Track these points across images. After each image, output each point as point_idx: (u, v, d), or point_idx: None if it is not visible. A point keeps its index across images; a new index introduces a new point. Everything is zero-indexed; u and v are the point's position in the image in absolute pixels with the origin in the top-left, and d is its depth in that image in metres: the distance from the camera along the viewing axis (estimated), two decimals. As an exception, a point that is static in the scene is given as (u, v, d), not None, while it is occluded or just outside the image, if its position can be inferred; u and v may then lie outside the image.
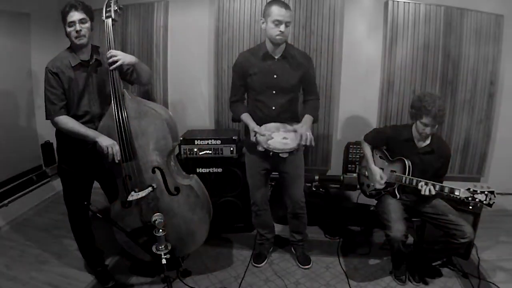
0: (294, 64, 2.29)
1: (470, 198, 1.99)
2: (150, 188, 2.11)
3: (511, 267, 2.57)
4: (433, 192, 2.12)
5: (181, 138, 2.84)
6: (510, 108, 3.26)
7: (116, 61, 1.99)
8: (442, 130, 3.25)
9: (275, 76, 2.27)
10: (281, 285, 2.43)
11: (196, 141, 2.89)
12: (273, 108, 2.31)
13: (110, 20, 2.03)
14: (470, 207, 2.51)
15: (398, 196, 2.38)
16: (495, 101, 3.24)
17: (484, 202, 1.95)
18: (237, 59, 2.38)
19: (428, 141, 2.33)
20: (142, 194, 2.08)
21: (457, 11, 3.07)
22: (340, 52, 3.25)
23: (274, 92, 2.29)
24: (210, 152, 2.89)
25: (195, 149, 2.89)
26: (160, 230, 2.08)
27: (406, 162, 2.31)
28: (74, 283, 2.41)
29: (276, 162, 2.40)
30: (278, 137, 2.21)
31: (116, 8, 2.04)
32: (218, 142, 2.89)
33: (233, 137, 2.87)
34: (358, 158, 3.18)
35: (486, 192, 1.95)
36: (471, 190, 1.99)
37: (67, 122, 2.04)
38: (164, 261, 2.09)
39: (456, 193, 2.04)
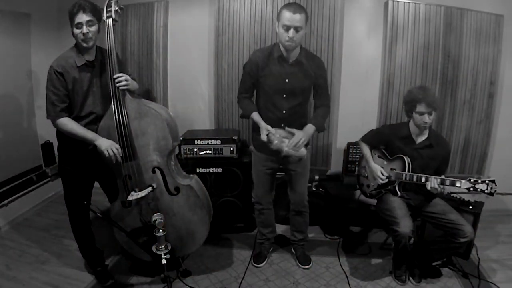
0: (307, 69, 2.25)
1: (471, 189, 2.02)
2: (150, 188, 2.11)
3: (511, 267, 2.57)
4: (438, 189, 2.12)
5: (181, 138, 2.84)
6: (510, 108, 3.25)
7: (125, 85, 2.04)
8: (442, 130, 3.25)
9: (286, 80, 2.24)
10: (281, 285, 2.43)
11: (196, 141, 2.89)
12: (284, 111, 2.29)
13: (110, 20, 2.03)
14: (470, 207, 2.54)
15: (399, 193, 2.38)
16: (495, 101, 3.23)
17: (486, 191, 1.99)
18: (250, 56, 2.35)
19: (425, 136, 2.34)
20: (142, 194, 2.08)
21: (457, 11, 3.06)
22: (340, 52, 3.24)
23: (284, 95, 2.27)
24: (210, 152, 2.89)
25: (195, 149, 2.89)
26: (160, 230, 2.08)
27: (405, 159, 2.31)
28: (74, 283, 2.40)
29: (284, 161, 2.41)
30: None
31: (116, 8, 2.05)
32: (218, 142, 2.89)
33: (233, 137, 2.88)
34: (358, 158, 3.18)
35: (487, 182, 1.99)
36: (472, 180, 2.03)
37: (66, 124, 2.03)
38: (164, 261, 2.10)
39: (458, 184, 2.07)
